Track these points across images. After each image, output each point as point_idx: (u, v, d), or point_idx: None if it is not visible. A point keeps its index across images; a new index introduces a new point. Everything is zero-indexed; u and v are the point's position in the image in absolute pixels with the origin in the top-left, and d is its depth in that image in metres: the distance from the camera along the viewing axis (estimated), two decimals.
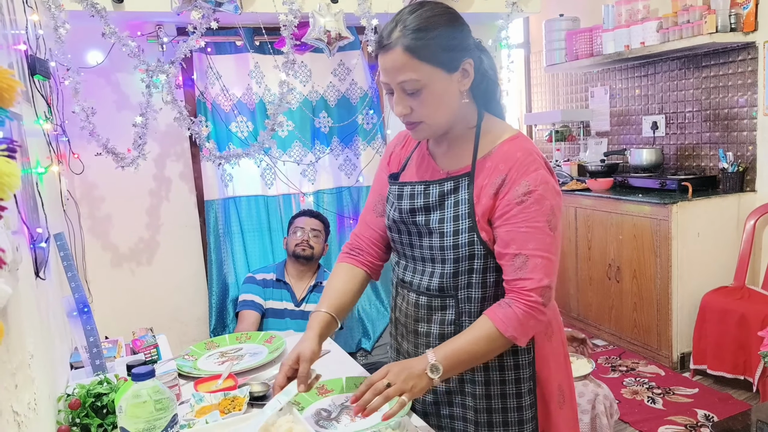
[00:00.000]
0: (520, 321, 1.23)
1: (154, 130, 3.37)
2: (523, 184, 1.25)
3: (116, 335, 2.05)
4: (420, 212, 1.37)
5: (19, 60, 1.77)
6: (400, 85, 1.26)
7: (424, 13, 1.25)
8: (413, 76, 1.23)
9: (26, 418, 1.04)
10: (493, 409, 1.38)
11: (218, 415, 1.37)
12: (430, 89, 1.25)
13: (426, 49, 1.22)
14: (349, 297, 1.49)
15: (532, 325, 1.25)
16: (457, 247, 1.31)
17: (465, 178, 1.33)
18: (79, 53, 3.12)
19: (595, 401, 2.43)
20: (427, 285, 1.38)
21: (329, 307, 1.43)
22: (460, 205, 1.32)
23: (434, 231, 1.35)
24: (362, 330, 3.80)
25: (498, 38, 3.65)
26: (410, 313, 1.44)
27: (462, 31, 1.28)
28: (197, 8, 2.88)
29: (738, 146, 3.74)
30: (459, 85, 1.28)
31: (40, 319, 1.37)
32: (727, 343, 3.23)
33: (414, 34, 1.22)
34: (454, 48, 1.26)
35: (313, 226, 3.21)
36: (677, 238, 3.46)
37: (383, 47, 1.25)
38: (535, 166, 1.26)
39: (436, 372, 1.21)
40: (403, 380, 1.20)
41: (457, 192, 1.33)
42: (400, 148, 1.53)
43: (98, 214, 3.40)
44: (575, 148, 5.14)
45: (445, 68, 1.25)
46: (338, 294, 1.47)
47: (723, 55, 3.76)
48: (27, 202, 1.39)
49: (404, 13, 1.26)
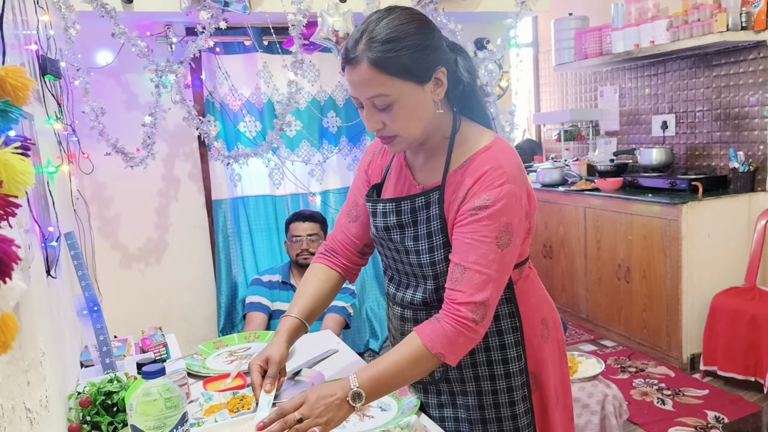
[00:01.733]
0: (448, 337, 1.17)
1: (163, 130, 3.38)
2: (483, 197, 1.20)
3: (125, 334, 2.06)
4: (394, 230, 1.35)
5: (31, 60, 1.78)
6: (369, 100, 1.20)
7: (393, 21, 1.18)
8: (382, 91, 1.17)
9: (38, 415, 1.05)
10: (487, 419, 1.36)
11: (227, 414, 1.37)
12: (402, 103, 1.19)
13: (395, 63, 1.15)
14: (321, 300, 1.48)
15: (462, 342, 1.18)
16: (434, 264, 1.29)
17: (435, 192, 1.29)
18: (89, 53, 3.14)
19: (604, 402, 2.42)
20: (411, 299, 1.37)
21: (299, 312, 1.43)
22: (432, 221, 1.29)
23: (410, 249, 1.32)
24: (370, 330, 3.80)
25: (507, 37, 3.64)
26: (398, 326, 1.43)
27: (433, 38, 1.21)
28: (206, 8, 2.89)
29: (749, 146, 3.71)
30: (432, 95, 1.23)
31: (51, 318, 1.37)
32: (737, 344, 3.21)
33: (381, 46, 1.15)
34: (425, 58, 1.19)
35: (310, 231, 3.10)
36: (687, 238, 3.43)
37: (349, 61, 1.18)
38: (500, 181, 1.20)
39: (358, 400, 1.15)
40: (318, 414, 1.13)
41: (428, 208, 1.29)
42: (379, 156, 1.48)
43: (107, 213, 3.42)
44: (584, 148, 5.12)
45: (416, 80, 1.19)
46: (311, 298, 1.46)
47: (734, 53, 3.74)
48: (38, 201, 1.40)
49: (371, 22, 1.19)
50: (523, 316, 1.36)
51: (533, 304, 1.40)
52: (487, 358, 1.34)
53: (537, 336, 1.38)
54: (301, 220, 3.13)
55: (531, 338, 1.37)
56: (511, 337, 1.34)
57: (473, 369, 1.35)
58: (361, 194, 1.49)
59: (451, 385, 1.38)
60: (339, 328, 2.96)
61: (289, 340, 1.38)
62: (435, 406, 1.42)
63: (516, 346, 1.34)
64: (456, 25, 3.31)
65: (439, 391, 1.41)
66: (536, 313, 1.40)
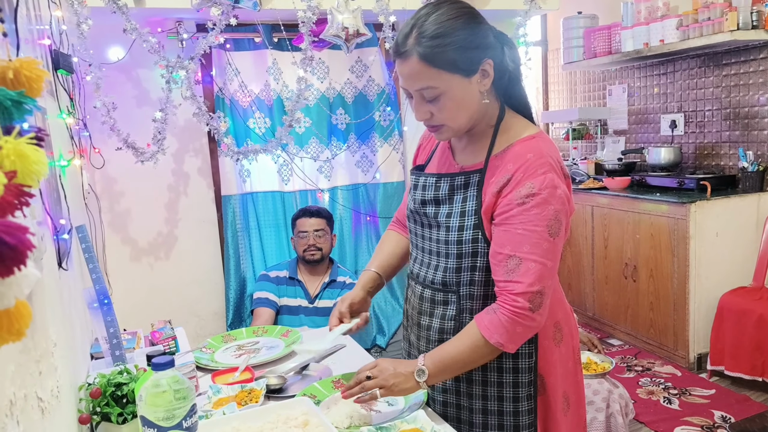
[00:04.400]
0: (505, 327, 1.21)
1: (174, 126, 3.40)
2: (527, 185, 1.21)
3: (135, 328, 2.08)
4: (430, 204, 1.38)
5: (44, 54, 1.80)
6: (418, 92, 1.25)
7: (441, 17, 1.21)
8: (431, 83, 1.22)
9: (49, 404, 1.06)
10: (488, 410, 1.37)
11: (235, 407, 1.39)
12: (449, 95, 1.23)
13: (443, 57, 1.20)
14: (397, 260, 1.62)
15: (520, 331, 1.22)
16: (461, 242, 1.31)
17: (476, 175, 1.31)
18: (101, 49, 3.16)
19: (609, 400, 2.42)
20: (432, 278, 1.39)
21: (378, 266, 1.58)
22: (468, 201, 1.31)
23: (441, 224, 1.35)
24: (377, 326, 3.81)
25: (516, 35, 3.64)
26: (416, 305, 1.45)
27: (480, 31, 1.24)
28: (217, 5, 2.91)
29: (758, 145, 3.69)
30: (479, 86, 1.26)
31: (62, 309, 1.39)
32: (745, 344, 3.20)
33: (430, 41, 1.19)
34: (473, 51, 1.22)
35: (316, 227, 3.10)
36: (695, 237, 3.42)
37: (400, 54, 1.23)
38: (543, 169, 1.22)
39: (422, 375, 1.27)
40: (385, 377, 1.28)
41: (467, 188, 1.32)
42: (427, 141, 1.54)
43: (118, 208, 3.45)
44: (592, 147, 5.11)
45: (463, 73, 1.22)
46: (387, 256, 1.61)
47: (744, 53, 3.72)
48: (51, 194, 1.41)
49: (421, 17, 1.23)
50: None
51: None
52: None
53: (548, 338, 1.38)
54: (307, 215, 3.14)
55: (541, 339, 1.37)
56: None
57: None
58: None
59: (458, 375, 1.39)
60: None
61: (367, 291, 1.54)
62: (440, 390, 1.43)
63: (528, 343, 1.34)
64: None
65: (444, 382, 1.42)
66: (550, 315, 1.40)
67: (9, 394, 0.81)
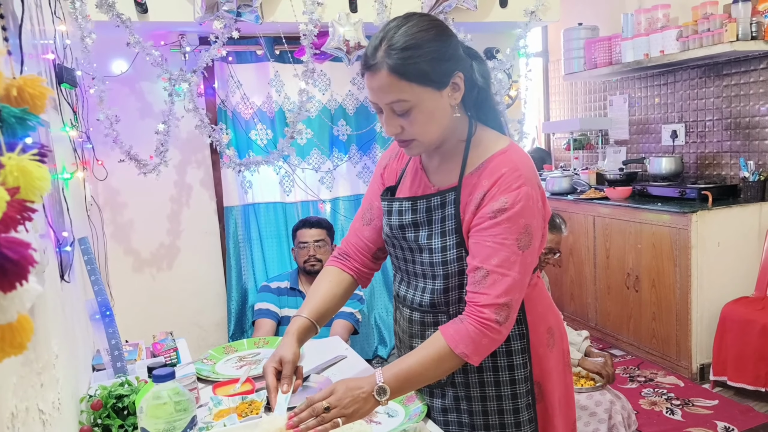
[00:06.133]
0: (471, 338, 1.19)
1: (176, 138, 3.42)
2: (501, 200, 1.21)
3: (137, 339, 2.08)
4: (409, 228, 1.36)
5: (48, 68, 1.82)
6: (388, 105, 1.22)
7: (411, 29, 1.19)
8: (401, 96, 1.19)
9: (51, 417, 1.07)
10: (490, 425, 1.37)
11: (236, 419, 1.38)
12: (420, 108, 1.21)
13: (413, 69, 1.17)
14: (333, 303, 1.48)
15: (485, 343, 1.20)
16: (446, 263, 1.30)
17: (452, 193, 1.30)
18: (105, 62, 3.19)
19: (612, 411, 2.41)
20: (419, 301, 1.38)
21: (310, 312, 1.43)
22: (447, 221, 1.30)
23: (423, 247, 1.34)
24: (379, 337, 3.81)
25: (516, 47, 3.66)
26: (406, 328, 1.44)
27: (450, 44, 1.23)
28: (219, 18, 2.93)
29: (760, 155, 3.70)
30: (450, 99, 1.24)
31: (64, 321, 1.40)
32: (748, 355, 3.19)
33: (401, 53, 1.17)
34: (445, 63, 1.21)
35: (317, 237, 3.09)
36: (697, 247, 3.42)
37: (369, 67, 1.20)
38: (518, 183, 1.22)
39: (383, 394, 1.18)
40: (345, 405, 1.16)
41: (444, 207, 1.31)
42: (395, 161, 1.50)
43: (120, 219, 3.46)
44: (594, 157, 5.11)
45: (434, 86, 1.21)
46: (322, 300, 1.46)
47: (744, 63, 3.73)
48: (54, 206, 1.43)
49: (390, 29, 1.20)
50: (530, 324, 1.37)
51: (540, 313, 1.41)
52: (492, 363, 1.35)
53: (543, 345, 1.39)
54: (307, 226, 3.14)
55: (537, 347, 1.38)
56: (518, 344, 1.35)
57: (478, 374, 1.36)
58: (376, 197, 1.50)
59: (456, 390, 1.39)
60: (347, 333, 2.98)
61: (299, 340, 1.38)
62: (439, 410, 1.43)
63: (522, 353, 1.35)
64: (466, 34, 3.34)
65: (444, 395, 1.41)
66: (542, 322, 1.41)
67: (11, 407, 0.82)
